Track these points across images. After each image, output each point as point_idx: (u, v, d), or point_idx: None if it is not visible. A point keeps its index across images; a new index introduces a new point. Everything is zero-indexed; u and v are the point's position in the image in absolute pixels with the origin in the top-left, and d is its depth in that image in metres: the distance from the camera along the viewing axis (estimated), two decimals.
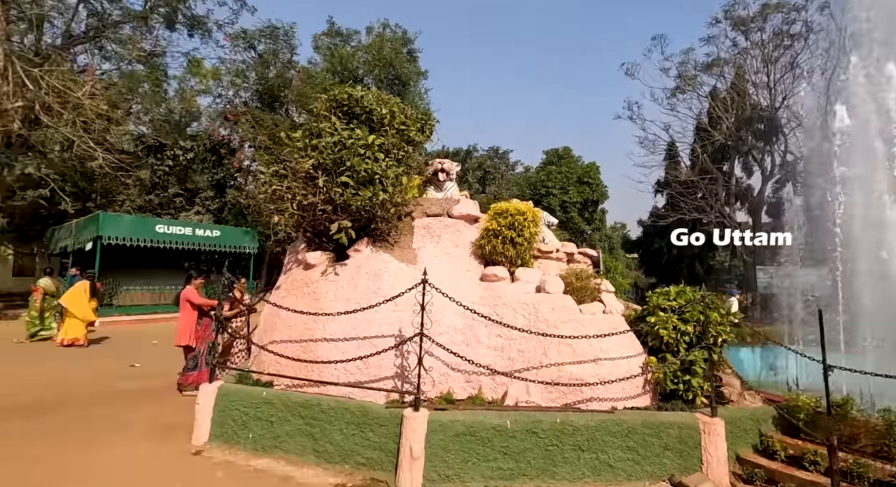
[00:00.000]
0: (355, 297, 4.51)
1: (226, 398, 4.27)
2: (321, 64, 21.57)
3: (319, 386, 4.20)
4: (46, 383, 6.45)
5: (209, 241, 15.97)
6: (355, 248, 4.89)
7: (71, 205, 13.50)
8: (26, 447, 4.13)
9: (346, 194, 4.55)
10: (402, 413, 3.64)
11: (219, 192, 19.81)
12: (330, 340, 4.35)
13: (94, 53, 17.32)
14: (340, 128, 4.82)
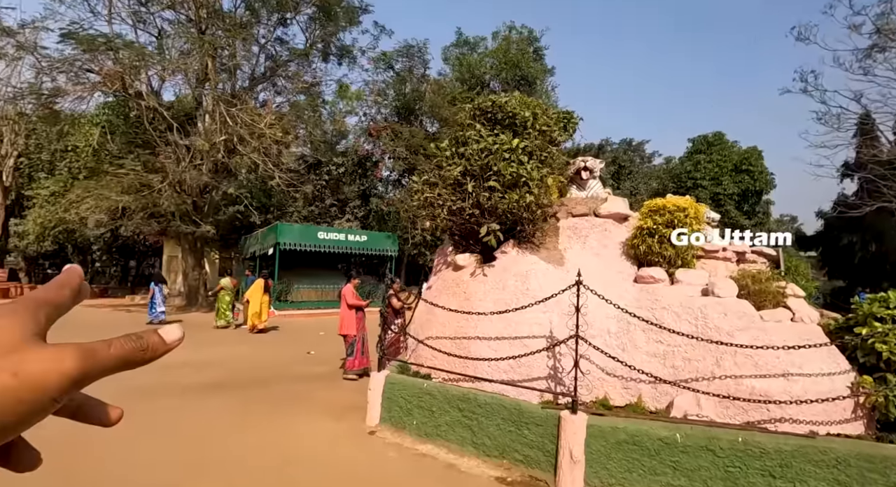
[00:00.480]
0: (504, 298, 4.65)
1: (392, 386, 4.77)
2: (450, 74, 22.62)
3: (474, 382, 4.43)
4: (247, 364, 7.97)
5: (358, 245, 17.89)
6: (502, 250, 5.04)
7: (258, 217, 16.44)
8: (244, 414, 5.18)
9: (494, 198, 4.72)
10: (558, 415, 3.63)
11: (364, 201, 22.12)
12: (482, 338, 4.55)
13: (270, 90, 20.84)
14: (486, 135, 5.02)
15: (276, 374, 7.19)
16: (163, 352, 0.43)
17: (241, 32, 15.80)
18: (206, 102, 16.45)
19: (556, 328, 4.25)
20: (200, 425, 4.78)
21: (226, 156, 16.67)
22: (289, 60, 19.75)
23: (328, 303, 16.81)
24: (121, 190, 14.40)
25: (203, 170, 15.66)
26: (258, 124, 15.85)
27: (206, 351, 9.04)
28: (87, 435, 4.28)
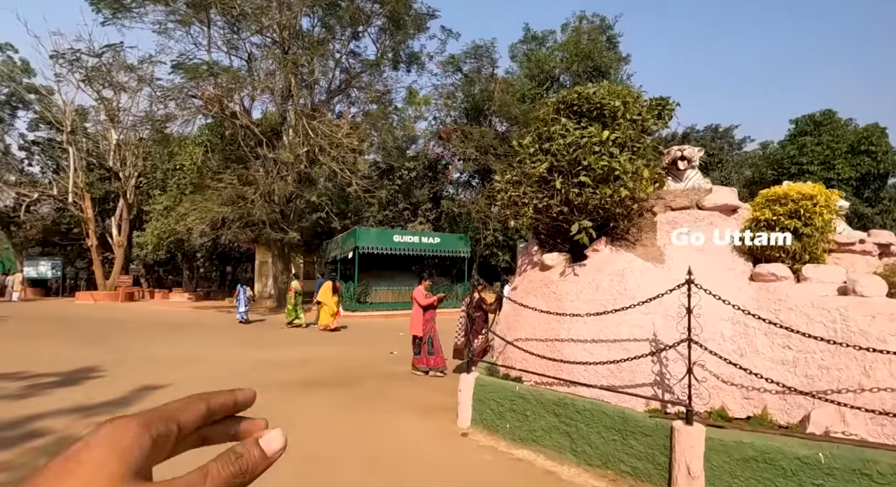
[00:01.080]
0: (598, 298, 4.40)
1: (482, 388, 4.71)
2: (518, 72, 22.30)
3: (569, 386, 4.23)
4: (337, 362, 8.35)
5: (431, 247, 18.18)
6: (594, 248, 4.78)
7: (338, 222, 17.33)
8: (340, 409, 5.41)
9: (585, 193, 4.49)
10: (670, 425, 3.34)
11: (435, 204, 22.45)
12: (576, 341, 4.34)
13: (345, 101, 21.94)
14: (572, 128, 4.80)
15: (364, 372, 7.45)
16: (263, 469, 0.36)
17: (319, 49, 16.79)
18: (290, 117, 17.68)
19: (660, 331, 3.94)
20: (301, 419, 5.06)
21: (308, 166, 17.78)
22: (361, 71, 20.64)
23: (404, 305, 17.24)
24: (220, 202, 15.91)
25: (289, 181, 16.83)
26: (336, 134, 16.72)
27: (296, 349, 9.65)
28: None
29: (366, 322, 15.03)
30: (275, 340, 11.05)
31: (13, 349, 9.41)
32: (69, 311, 18.21)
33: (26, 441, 4.23)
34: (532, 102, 19.38)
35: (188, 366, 7.67)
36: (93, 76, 15.18)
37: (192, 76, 14.22)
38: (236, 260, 31.89)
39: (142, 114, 16.63)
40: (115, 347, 9.55)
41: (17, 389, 6.06)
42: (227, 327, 13.58)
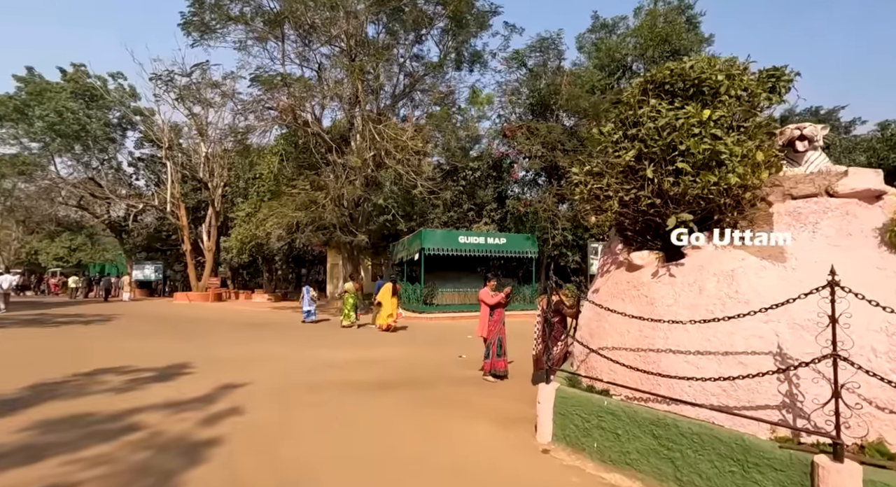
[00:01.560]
0: (703, 303, 3.80)
1: (564, 401, 4.28)
2: (586, 63, 21.25)
3: (669, 404, 3.68)
4: (404, 364, 8.24)
5: (497, 248, 17.77)
6: (694, 245, 4.17)
7: (404, 224, 17.49)
8: (410, 413, 5.22)
9: (683, 182, 3.91)
10: (810, 460, 2.72)
11: (500, 203, 21.99)
12: (676, 352, 3.78)
13: (408, 105, 22.21)
14: (665, 110, 4.23)
15: (432, 376, 7.26)
16: None
17: (384, 54, 17.09)
18: (357, 123, 18.18)
19: (787, 343, 3.29)
20: (372, 421, 4.94)
21: (374, 170, 18.16)
22: (424, 74, 20.76)
23: (471, 307, 17.01)
24: (294, 207, 16.70)
25: (357, 185, 17.28)
26: (401, 138, 16.90)
27: (364, 350, 9.72)
28: (271, 427, 4.75)
29: (432, 324, 14.97)
30: (343, 340, 11.26)
31: (122, 344, 10.41)
32: (168, 310, 20.10)
33: (125, 434, 4.47)
34: (602, 93, 18.30)
35: (264, 365, 7.95)
36: (184, 94, 16.68)
37: (268, 88, 15.10)
38: (310, 263, 33.55)
39: (226, 128, 18.00)
40: (204, 345, 10.22)
41: (121, 383, 6.58)
42: (299, 327, 14.15)
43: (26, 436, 4.42)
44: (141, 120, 27.69)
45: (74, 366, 7.58)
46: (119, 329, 13.33)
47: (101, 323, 14.69)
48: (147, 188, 31.15)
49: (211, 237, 26.86)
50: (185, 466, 3.78)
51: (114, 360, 8.15)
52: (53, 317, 16.18)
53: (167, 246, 33.50)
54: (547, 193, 19.27)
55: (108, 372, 7.18)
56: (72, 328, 13.32)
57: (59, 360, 8.24)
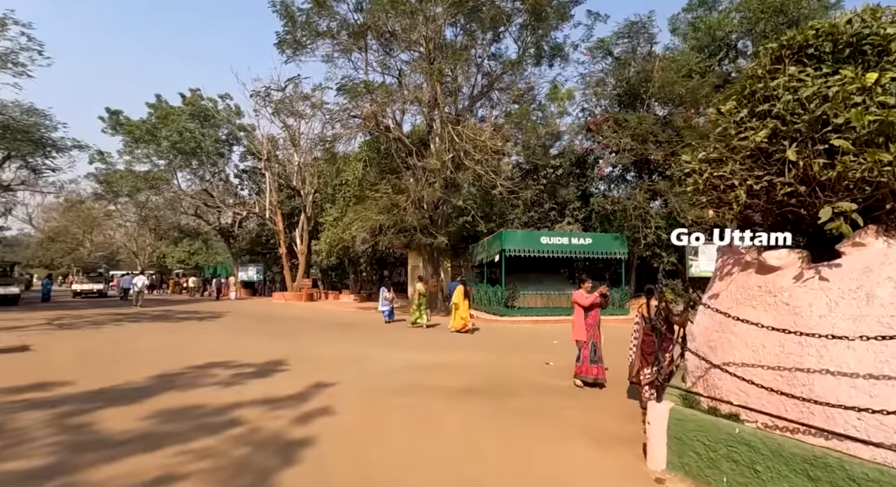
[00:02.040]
0: (873, 314, 3.02)
1: (681, 424, 3.68)
2: (681, 46, 19.40)
3: (829, 438, 2.97)
4: (489, 369, 7.92)
5: (582, 249, 16.79)
6: (855, 241, 3.36)
7: (484, 225, 17.23)
8: (497, 424, 4.89)
9: (843, 163, 3.16)
10: None
11: (584, 202, 20.84)
12: (838, 374, 3.04)
13: (486, 105, 21.93)
14: (811, 77, 3.47)
15: (519, 383, 6.87)
16: None
17: (463, 55, 17.02)
18: (436, 125, 18.31)
19: None
20: (459, 431, 4.70)
21: (453, 172, 18.14)
22: (503, 73, 20.36)
23: (554, 310, 16.25)
24: (377, 211, 17.22)
25: (436, 187, 17.37)
26: (479, 138, 16.68)
27: (444, 352, 9.56)
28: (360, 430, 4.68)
29: (514, 327, 14.50)
30: (424, 343, 11.23)
31: (228, 340, 11.37)
32: (267, 309, 21.84)
33: (228, 429, 4.70)
34: (702, 77, 16.50)
35: (351, 365, 8.11)
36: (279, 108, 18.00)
37: (353, 96, 15.78)
38: (392, 265, 34.65)
39: (315, 137, 19.18)
40: (297, 343, 10.79)
41: (226, 377, 7.07)
42: (381, 328, 14.49)
43: (148, 424, 4.83)
44: (244, 135, 30.65)
45: (190, 359, 8.35)
46: (226, 326, 14.66)
47: (213, 319, 16.30)
48: (250, 197, 34.37)
49: (303, 241, 28.82)
50: (281, 465, 3.83)
51: (221, 355, 8.86)
52: (176, 314, 18.32)
53: (266, 249, 36.67)
54: (637, 189, 17.84)
55: (217, 366, 7.79)
56: (189, 324, 14.93)
57: (178, 353, 9.16)
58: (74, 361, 8.28)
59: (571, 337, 7.16)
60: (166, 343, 10.69)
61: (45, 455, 3.96)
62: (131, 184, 30.36)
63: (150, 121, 28.17)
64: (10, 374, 7.08)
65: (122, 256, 52.11)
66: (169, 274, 44.68)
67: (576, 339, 7.07)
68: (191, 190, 32.39)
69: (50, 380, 6.65)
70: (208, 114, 29.15)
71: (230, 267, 37.19)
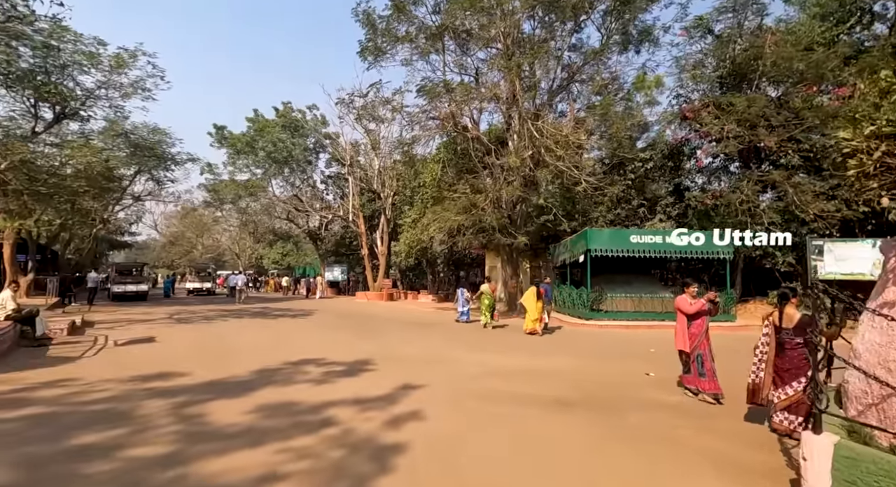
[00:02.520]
0: None
1: (854, 465, 2.96)
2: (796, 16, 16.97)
3: None
4: (581, 378, 7.32)
5: (678, 248, 15.29)
6: None
7: (567, 224, 16.41)
8: (601, 445, 4.39)
9: None
10: None
11: (678, 197, 19.07)
12: None
13: (566, 99, 20.94)
14: None
15: (618, 397, 6.24)
16: None
17: (543, 48, 16.36)
18: (514, 122, 17.82)
19: None
20: (560, 451, 4.27)
21: (532, 169, 17.51)
22: (584, 63, 19.30)
23: (646, 314, 14.99)
24: (455, 211, 17.13)
25: (515, 185, 16.88)
26: (560, 133, 15.91)
27: (528, 357, 9.08)
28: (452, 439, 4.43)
29: (601, 332, 13.57)
30: (503, 344, 10.84)
31: (318, 336, 11.92)
32: (351, 307, 22.80)
33: (323, 428, 4.74)
34: (829, 48, 14.16)
35: (437, 367, 7.98)
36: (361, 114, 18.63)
37: (432, 97, 15.87)
38: (468, 266, 34.61)
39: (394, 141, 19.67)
40: (382, 342, 10.97)
41: (319, 374, 7.28)
42: (460, 328, 14.34)
43: (251, 419, 5.03)
44: (329, 143, 32.48)
45: (285, 355, 8.79)
46: (316, 323, 15.45)
47: (304, 317, 17.30)
48: (334, 201, 36.35)
49: (383, 242, 29.79)
50: (375, 472, 3.72)
51: (313, 352, 9.23)
52: (272, 311, 19.77)
53: (350, 250, 38.55)
54: (745, 181, 15.85)
55: (309, 363, 8.09)
56: (283, 321, 15.97)
57: (275, 349, 9.72)
58: (190, 353, 9.11)
59: (674, 346, 6.45)
60: (264, 338, 11.45)
61: (165, 444, 4.24)
62: (234, 192, 33.58)
63: (249, 134, 30.91)
64: (140, 363, 7.93)
65: (227, 257, 57.94)
66: (266, 273, 48.81)
67: (679, 350, 6.37)
68: (283, 196, 35.01)
69: (170, 371, 7.32)
70: (298, 124, 31.29)
71: (318, 267, 39.62)
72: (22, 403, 5.43)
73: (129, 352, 9.10)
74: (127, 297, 24.21)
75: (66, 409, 5.25)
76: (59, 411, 5.17)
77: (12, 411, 5.13)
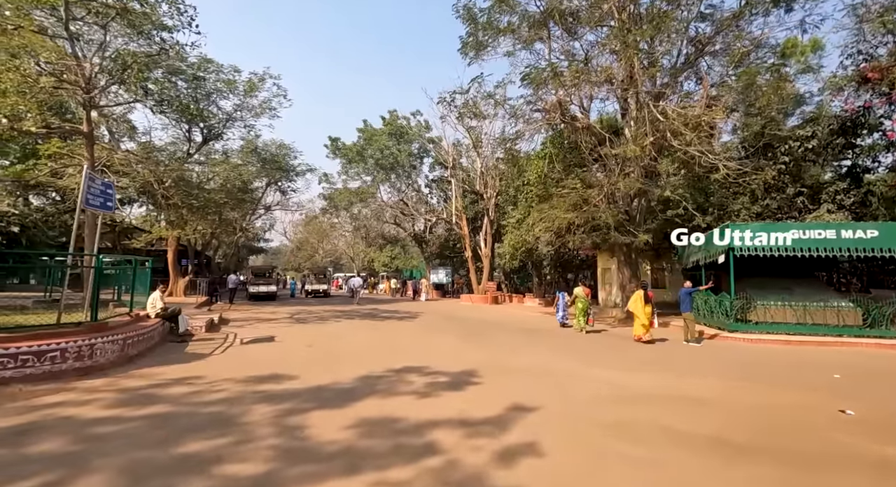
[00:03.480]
0: None
1: None
2: None
3: None
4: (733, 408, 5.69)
5: (859, 244, 12.01)
6: None
7: (701, 219, 14.01)
8: None
9: None
10: None
11: (854, 181, 15.23)
12: None
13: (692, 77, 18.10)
14: None
15: (808, 442, 4.61)
16: None
17: (665, 19, 14.25)
18: (631, 107, 15.85)
19: None
20: None
21: (654, 158, 15.37)
22: (716, 33, 16.47)
23: (813, 328, 12.06)
24: (565, 208, 15.74)
25: (633, 177, 14.93)
26: (690, 113, 13.62)
27: (664, 376, 7.49)
28: None
29: (750, 347, 11.17)
30: (624, 357, 9.28)
31: (423, 340, 11.60)
32: (456, 311, 22.52)
33: (424, 456, 4.11)
34: None
35: (551, 383, 6.96)
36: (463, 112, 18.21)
37: (538, 84, 14.76)
38: (577, 268, 32.37)
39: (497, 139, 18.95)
40: (488, 350, 10.22)
41: (422, 385, 6.77)
42: (567, 336, 12.98)
43: (350, 436, 4.61)
44: (432, 147, 32.98)
45: (389, 361, 8.51)
46: (421, 326, 15.30)
47: (410, 319, 17.35)
48: (438, 204, 36.85)
49: (487, 244, 29.19)
50: None
51: (418, 357, 8.84)
52: (380, 312, 20.31)
53: (454, 253, 38.77)
54: None
55: (413, 372, 7.65)
56: (391, 322, 16.14)
57: (380, 353, 9.55)
58: (302, 354, 9.34)
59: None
60: (371, 340, 11.46)
61: (261, 461, 3.96)
62: (347, 199, 35.88)
63: (359, 143, 32.75)
64: (258, 362, 8.26)
65: (344, 261, 62.63)
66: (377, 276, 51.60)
67: None
68: (390, 201, 36.50)
69: (281, 372, 7.43)
70: (403, 131, 32.32)
71: (423, 270, 40.53)
72: (151, 400, 5.76)
73: (250, 351, 9.64)
74: (260, 297, 27.06)
75: (184, 410, 5.40)
76: (178, 412, 5.33)
77: (140, 408, 5.42)
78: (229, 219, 31.78)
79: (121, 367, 7.43)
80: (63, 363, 6.60)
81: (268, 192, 34.37)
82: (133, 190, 23.40)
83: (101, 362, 7.18)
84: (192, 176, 22.55)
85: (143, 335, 8.63)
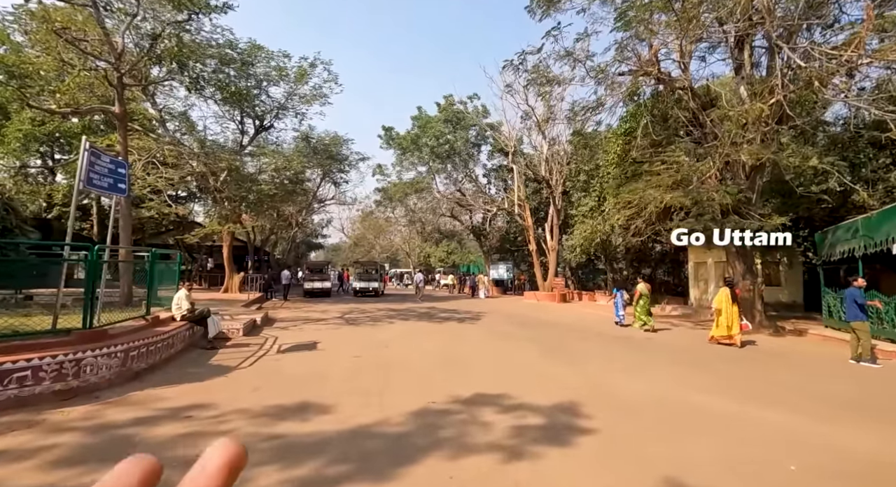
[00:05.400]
0: None
1: None
2: None
3: None
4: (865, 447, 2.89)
5: None
6: None
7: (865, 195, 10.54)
8: None
9: None
10: None
11: None
12: None
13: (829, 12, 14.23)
14: None
15: None
16: None
17: None
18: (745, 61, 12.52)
19: None
20: None
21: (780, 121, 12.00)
22: None
23: None
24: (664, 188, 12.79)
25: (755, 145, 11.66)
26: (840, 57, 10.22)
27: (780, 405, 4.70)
28: None
29: None
30: (794, 389, 6.42)
31: (493, 351, 9.35)
32: (522, 310, 20.03)
33: None
34: None
35: (703, 431, 4.43)
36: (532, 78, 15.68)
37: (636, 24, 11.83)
38: (656, 262, 28.59)
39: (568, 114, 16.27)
40: (582, 367, 7.76)
41: (504, 433, 4.51)
42: (684, 349, 10.10)
43: None
44: (491, 133, 30.50)
45: (455, 383, 6.39)
46: (486, 329, 13.07)
47: (471, 321, 15.17)
48: (497, 194, 34.35)
49: (553, 236, 26.34)
50: None
51: (490, 379, 6.64)
52: (438, 312, 18.32)
53: (515, 246, 36.10)
54: None
55: (488, 405, 5.45)
56: (450, 325, 14.05)
57: (442, 370, 7.44)
58: (346, 369, 7.46)
59: None
60: (429, 351, 9.38)
61: None
62: (402, 191, 34.36)
63: (414, 131, 30.99)
64: (290, 382, 6.46)
65: (400, 257, 61.78)
66: (433, 271, 50.01)
67: None
68: (446, 192, 34.51)
69: (313, 401, 5.52)
70: (459, 116, 30.13)
71: (481, 265, 38.24)
72: (122, 447, 4.01)
73: (285, 363, 7.91)
74: (315, 293, 26.16)
75: None
76: None
77: (95, 468, 3.65)
78: (285, 215, 31.36)
79: (119, 387, 5.89)
80: (36, 385, 5.09)
81: (322, 186, 33.65)
82: (193, 184, 23.23)
83: (93, 381, 5.66)
84: (246, 168, 21.80)
85: (158, 344, 7.13)
